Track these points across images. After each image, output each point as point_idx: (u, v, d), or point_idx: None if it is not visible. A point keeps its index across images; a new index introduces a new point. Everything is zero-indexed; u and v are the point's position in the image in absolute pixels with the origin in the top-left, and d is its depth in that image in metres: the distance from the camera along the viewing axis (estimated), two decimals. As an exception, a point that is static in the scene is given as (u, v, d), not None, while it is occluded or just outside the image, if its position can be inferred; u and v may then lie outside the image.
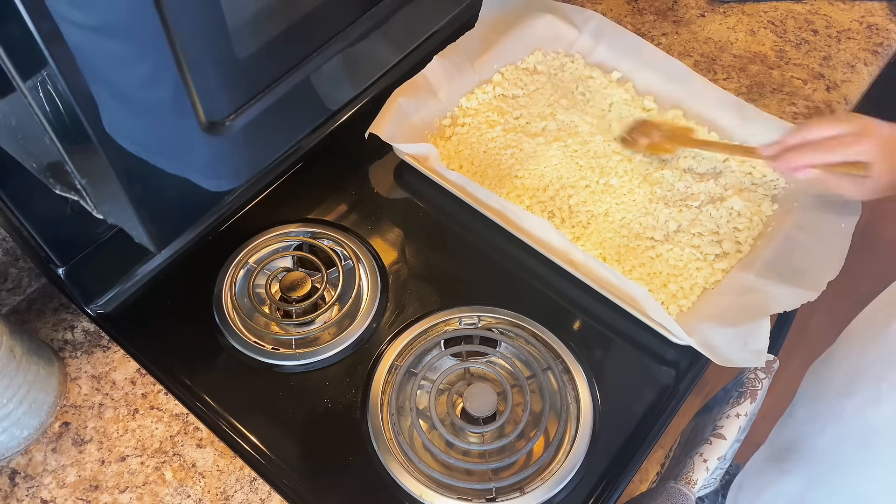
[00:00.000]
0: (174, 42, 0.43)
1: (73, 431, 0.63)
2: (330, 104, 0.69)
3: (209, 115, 0.49)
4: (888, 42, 0.94)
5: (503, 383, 0.66)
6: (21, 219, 0.59)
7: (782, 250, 0.73)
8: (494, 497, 0.61)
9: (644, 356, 0.70)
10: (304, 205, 0.78)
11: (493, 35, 0.88)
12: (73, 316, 0.70)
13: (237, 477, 0.62)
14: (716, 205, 0.77)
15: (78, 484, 0.61)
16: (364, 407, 0.65)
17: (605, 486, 0.63)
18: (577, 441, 0.63)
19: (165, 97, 0.46)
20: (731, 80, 0.90)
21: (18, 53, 0.38)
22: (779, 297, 0.68)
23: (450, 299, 0.72)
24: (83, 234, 0.65)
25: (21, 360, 0.59)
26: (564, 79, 0.88)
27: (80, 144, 0.44)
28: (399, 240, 0.77)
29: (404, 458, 0.62)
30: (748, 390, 0.72)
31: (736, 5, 0.98)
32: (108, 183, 0.47)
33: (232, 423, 0.64)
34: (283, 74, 0.55)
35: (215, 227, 0.76)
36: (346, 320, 0.70)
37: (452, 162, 0.81)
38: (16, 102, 0.41)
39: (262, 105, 0.54)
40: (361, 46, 0.63)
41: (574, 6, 0.92)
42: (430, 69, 0.82)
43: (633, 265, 0.74)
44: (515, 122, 0.84)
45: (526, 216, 0.71)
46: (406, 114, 0.80)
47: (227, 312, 0.70)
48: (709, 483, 0.73)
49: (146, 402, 0.65)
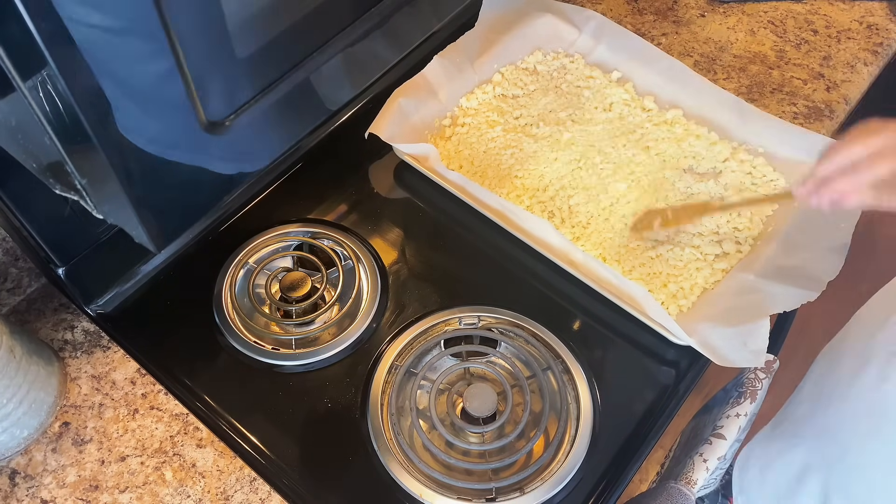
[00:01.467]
0: (174, 41, 0.43)
1: (73, 431, 0.63)
2: (330, 104, 0.69)
3: (210, 115, 0.49)
4: (888, 42, 0.94)
5: (503, 383, 0.66)
6: (21, 219, 0.59)
7: (782, 250, 0.73)
8: (494, 497, 0.61)
9: (644, 356, 0.70)
10: (304, 205, 0.78)
11: (493, 35, 0.88)
12: (73, 316, 0.70)
13: (237, 477, 0.62)
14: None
15: (78, 484, 0.61)
16: (364, 407, 0.65)
17: (605, 486, 0.63)
18: (577, 441, 0.63)
19: (173, 94, 0.46)
20: (731, 80, 0.90)
21: (18, 53, 0.38)
22: (779, 297, 0.68)
23: (450, 299, 0.72)
24: (83, 234, 0.65)
25: (21, 360, 0.59)
26: (564, 79, 0.88)
27: (80, 144, 0.44)
28: (399, 240, 0.77)
29: (404, 458, 0.62)
30: (748, 390, 0.72)
31: (736, 5, 0.98)
32: (108, 183, 0.47)
33: (232, 423, 0.64)
34: (283, 74, 0.55)
35: (215, 227, 0.76)
36: (346, 320, 0.70)
37: (452, 162, 0.81)
38: (16, 102, 0.41)
39: (262, 104, 0.54)
40: (361, 46, 0.63)
41: (574, 6, 0.92)
42: (430, 69, 0.82)
43: (632, 265, 0.74)
44: (515, 122, 0.84)
45: (526, 216, 0.71)
46: (406, 114, 0.80)
47: (227, 312, 0.70)
48: (709, 483, 0.73)
49: (146, 402, 0.65)
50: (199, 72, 0.46)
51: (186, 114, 0.48)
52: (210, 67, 0.48)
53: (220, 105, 0.50)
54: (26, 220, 0.59)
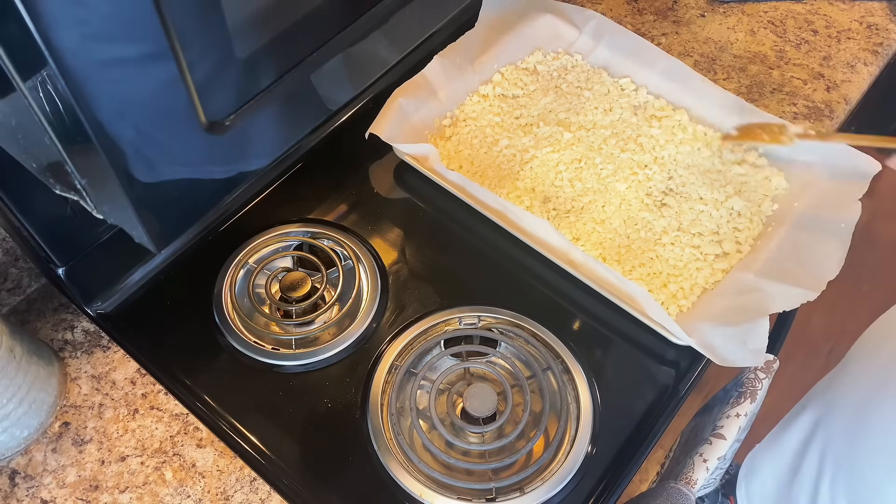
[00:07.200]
0: (174, 41, 0.43)
1: (73, 431, 0.63)
2: (330, 104, 0.69)
3: (209, 116, 0.50)
4: (888, 42, 0.94)
5: (503, 383, 0.66)
6: (21, 219, 0.59)
7: (782, 250, 0.73)
8: (494, 497, 0.61)
9: (644, 356, 0.70)
10: (304, 205, 0.78)
11: (493, 35, 0.88)
12: (73, 316, 0.70)
13: (237, 477, 0.62)
14: (716, 205, 0.77)
15: (78, 484, 0.61)
16: (364, 407, 0.65)
17: (605, 486, 0.63)
18: (577, 441, 0.63)
19: (173, 95, 0.46)
20: (731, 80, 0.90)
21: (18, 53, 0.38)
22: (778, 296, 0.68)
23: (450, 299, 0.72)
24: (83, 234, 0.65)
25: (21, 360, 0.59)
26: (565, 79, 0.88)
27: (80, 144, 0.44)
28: (399, 240, 0.77)
29: (404, 458, 0.62)
30: (748, 390, 0.72)
31: (736, 5, 0.98)
32: (108, 183, 0.47)
33: (232, 423, 0.64)
34: (283, 74, 0.55)
35: (215, 227, 0.76)
36: (346, 320, 0.70)
37: (452, 162, 0.81)
38: (16, 102, 0.41)
39: (262, 104, 0.54)
40: (361, 46, 0.63)
41: (574, 6, 0.92)
42: (430, 69, 0.82)
43: (633, 265, 0.74)
44: (515, 122, 0.84)
45: (526, 216, 0.71)
46: (406, 114, 0.80)
47: (227, 312, 0.70)
48: (709, 483, 0.73)
49: (146, 402, 0.65)
50: (199, 72, 0.46)
51: (187, 118, 0.48)
52: (210, 67, 0.48)
53: (220, 105, 0.50)
54: (26, 220, 0.59)
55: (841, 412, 0.73)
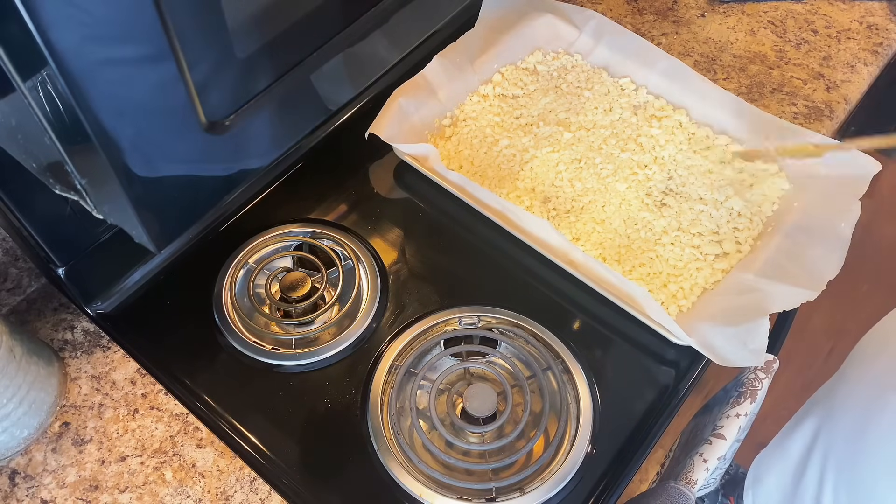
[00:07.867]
0: (174, 41, 0.43)
1: (73, 431, 0.63)
2: (330, 104, 0.69)
3: (209, 116, 0.50)
4: (888, 42, 0.94)
5: (503, 383, 0.66)
6: (21, 219, 0.59)
7: (782, 250, 0.73)
8: (494, 497, 0.61)
9: (644, 356, 0.70)
10: (304, 205, 0.78)
11: (493, 35, 0.88)
12: (73, 316, 0.70)
13: (237, 477, 0.62)
14: (716, 205, 0.77)
15: (78, 484, 0.61)
16: (364, 407, 0.65)
17: (605, 486, 0.63)
18: (577, 441, 0.63)
19: (173, 95, 0.46)
20: (730, 80, 0.90)
21: (18, 53, 0.38)
22: (778, 296, 0.68)
23: (450, 299, 0.72)
24: (83, 234, 0.65)
25: (21, 360, 0.59)
26: (565, 79, 0.88)
27: (80, 144, 0.44)
28: (399, 240, 0.77)
29: (404, 458, 0.62)
30: (748, 390, 0.72)
31: (736, 5, 0.98)
32: (108, 183, 0.47)
33: (232, 423, 0.64)
34: (283, 74, 0.55)
35: (215, 227, 0.76)
36: (346, 320, 0.70)
37: (452, 162, 0.81)
38: (16, 102, 0.41)
39: (262, 104, 0.54)
40: (361, 46, 0.63)
41: (574, 6, 0.92)
42: (430, 69, 0.82)
43: (633, 265, 0.74)
44: (515, 122, 0.84)
45: (526, 216, 0.71)
46: (406, 114, 0.80)
47: (226, 312, 0.70)
48: (709, 483, 0.73)
49: (146, 402, 0.65)
50: (199, 72, 0.46)
51: (186, 118, 0.48)
52: (210, 68, 0.48)
53: (220, 105, 0.50)
54: (26, 220, 0.59)
55: (841, 419, 0.73)
